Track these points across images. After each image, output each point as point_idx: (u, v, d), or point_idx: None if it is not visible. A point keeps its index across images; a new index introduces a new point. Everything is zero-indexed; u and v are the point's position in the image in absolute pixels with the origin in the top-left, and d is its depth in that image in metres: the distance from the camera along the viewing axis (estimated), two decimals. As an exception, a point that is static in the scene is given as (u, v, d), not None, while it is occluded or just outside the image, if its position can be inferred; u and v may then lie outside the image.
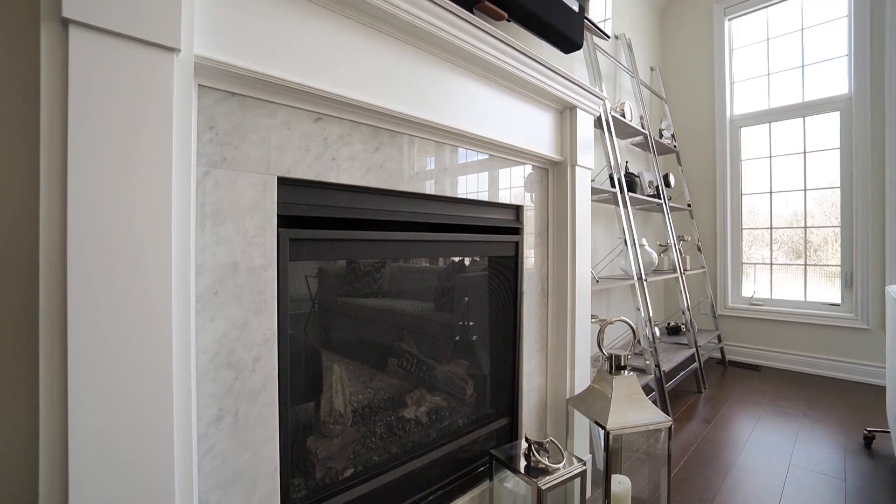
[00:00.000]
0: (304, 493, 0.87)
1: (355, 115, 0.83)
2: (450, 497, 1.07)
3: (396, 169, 0.92)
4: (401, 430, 1.10)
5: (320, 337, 1.00)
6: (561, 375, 1.31)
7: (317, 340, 0.99)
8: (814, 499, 1.34)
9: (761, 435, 1.79)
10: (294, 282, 0.88)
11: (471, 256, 1.20)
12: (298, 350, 0.95)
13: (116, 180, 0.53)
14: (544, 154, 1.24)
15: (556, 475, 1.00)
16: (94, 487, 0.52)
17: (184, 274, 0.60)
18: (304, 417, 0.95)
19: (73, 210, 0.50)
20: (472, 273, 1.26)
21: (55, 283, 0.50)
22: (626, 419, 1.06)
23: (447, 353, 1.26)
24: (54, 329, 0.50)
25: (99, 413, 0.52)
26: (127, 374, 0.54)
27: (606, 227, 2.45)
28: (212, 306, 0.66)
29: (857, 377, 2.46)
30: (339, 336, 1.06)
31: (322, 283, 1.00)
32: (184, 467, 0.59)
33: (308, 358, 0.97)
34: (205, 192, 0.65)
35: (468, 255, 1.12)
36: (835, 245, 2.61)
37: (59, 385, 0.50)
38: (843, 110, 2.52)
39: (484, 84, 1.07)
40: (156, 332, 0.56)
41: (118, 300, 0.53)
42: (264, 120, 0.72)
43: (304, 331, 0.95)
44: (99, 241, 0.52)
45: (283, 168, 0.74)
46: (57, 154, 0.50)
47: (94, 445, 0.51)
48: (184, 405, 0.60)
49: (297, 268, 0.88)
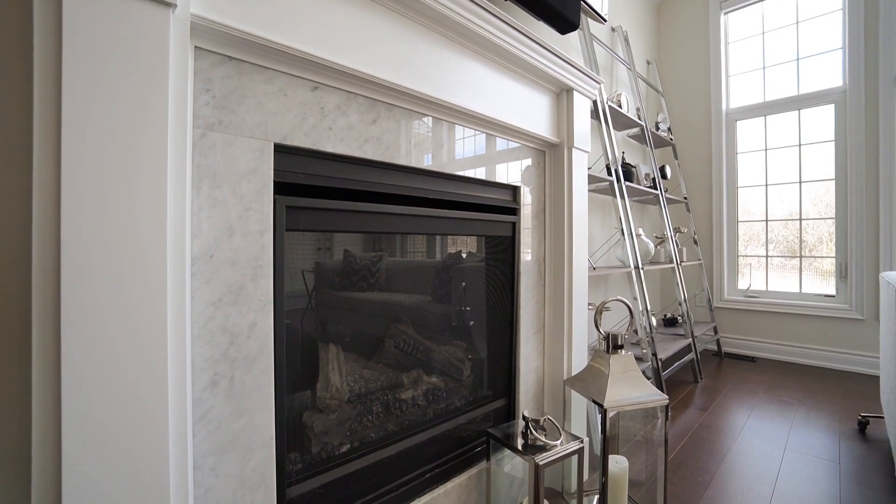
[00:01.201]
0: (301, 467, 0.86)
1: (352, 85, 0.83)
2: (447, 476, 1.07)
3: (393, 142, 0.91)
4: (397, 410, 1.10)
5: (317, 315, 1.00)
6: (558, 358, 1.31)
7: (313, 318, 0.99)
8: (809, 480, 1.35)
9: (757, 422, 1.80)
10: (290, 255, 0.88)
11: (467, 234, 1.20)
12: (295, 326, 0.95)
13: (111, 137, 0.53)
14: (541, 135, 1.25)
15: (554, 451, 1.00)
16: (87, 445, 0.51)
17: (179, 234, 0.59)
18: (300, 391, 0.95)
19: (67, 163, 0.50)
20: (469, 255, 1.26)
21: (48, 233, 0.50)
22: (624, 396, 1.06)
23: (444, 334, 1.25)
24: (47, 283, 0.50)
25: (92, 371, 0.51)
26: (121, 331, 0.53)
27: (603, 218, 2.46)
28: (207, 269, 0.65)
29: (852, 367, 2.48)
30: (336, 315, 1.05)
31: (318, 266, 0.99)
32: (178, 428, 0.58)
33: (304, 335, 0.97)
34: (201, 154, 0.65)
35: (465, 233, 1.12)
36: (829, 245, 2.63)
37: (53, 342, 0.50)
38: (838, 102, 2.54)
39: (481, 62, 1.07)
40: (150, 290, 0.55)
41: (112, 255, 0.53)
42: (262, 86, 0.72)
43: (302, 317, 0.95)
44: (93, 194, 0.51)
45: (279, 135, 0.74)
46: (51, 110, 0.50)
47: (87, 403, 0.51)
48: (179, 367, 0.59)
49: (293, 239, 0.88)
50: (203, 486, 0.65)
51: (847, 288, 2.52)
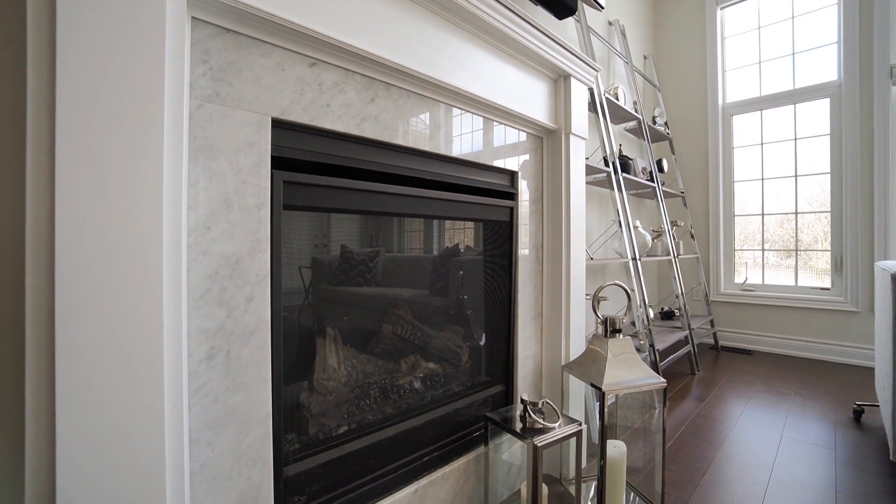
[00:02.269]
0: (298, 447, 0.86)
1: (350, 63, 0.83)
2: (445, 460, 1.07)
3: (391, 122, 0.91)
4: (395, 394, 1.09)
5: (316, 298, 0.99)
6: (556, 344, 1.31)
7: (312, 302, 0.98)
8: (805, 466, 1.35)
9: (754, 411, 1.80)
10: (287, 233, 0.87)
11: (466, 218, 1.20)
12: (293, 307, 0.94)
13: (107, 104, 0.52)
14: (539, 120, 1.25)
15: (552, 433, 1.00)
16: (81, 410, 0.50)
17: (175, 205, 0.59)
18: (298, 370, 0.94)
19: (61, 128, 0.49)
20: (467, 248, 1.26)
21: (42, 198, 0.49)
22: (622, 379, 1.06)
23: (442, 320, 1.25)
24: (41, 245, 0.49)
25: (86, 337, 0.51)
26: (116, 298, 0.53)
27: (600, 211, 2.46)
28: (204, 241, 0.65)
29: (847, 359, 2.49)
30: (334, 299, 1.05)
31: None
32: (174, 398, 0.58)
33: (303, 318, 0.97)
34: (198, 125, 0.64)
35: (463, 217, 1.12)
36: (824, 244, 2.65)
37: (47, 304, 0.49)
38: (833, 96, 2.56)
39: (480, 46, 1.07)
40: (146, 258, 0.55)
41: (107, 222, 0.52)
42: (259, 59, 0.71)
43: (302, 300, 0.94)
44: (88, 160, 0.51)
45: (277, 109, 0.73)
46: (45, 77, 0.49)
47: (81, 369, 0.50)
48: (174, 338, 0.59)
49: (290, 217, 0.87)
50: (199, 460, 0.65)
51: (842, 280, 2.53)
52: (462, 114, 1.08)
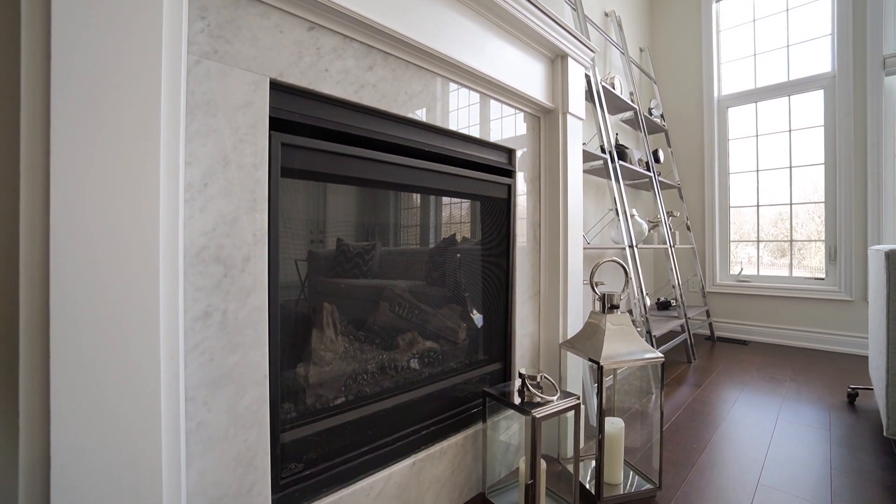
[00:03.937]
0: (295, 415, 0.85)
1: (348, 29, 0.82)
2: (443, 434, 1.07)
3: (390, 91, 0.91)
4: (392, 371, 1.09)
5: (311, 270, 0.99)
6: (553, 322, 1.31)
7: (308, 274, 0.98)
8: (801, 445, 1.36)
9: (749, 396, 1.81)
10: (285, 200, 0.87)
11: (465, 194, 1.20)
12: (291, 279, 0.94)
13: (104, 56, 0.52)
14: (537, 99, 1.25)
15: (551, 406, 1.00)
16: (74, 364, 0.50)
17: (172, 159, 0.58)
18: (295, 340, 0.94)
19: (56, 70, 0.49)
20: (465, 216, 1.26)
21: (38, 146, 0.48)
22: (620, 353, 1.07)
23: (440, 297, 1.25)
24: (36, 192, 0.49)
25: (79, 287, 0.50)
26: (111, 248, 0.52)
27: (597, 200, 2.47)
28: (202, 198, 0.64)
29: (842, 348, 2.51)
30: (331, 271, 1.04)
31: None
32: (169, 348, 0.57)
33: (300, 290, 0.96)
34: (196, 81, 0.64)
35: (461, 190, 1.11)
36: (818, 244, 2.67)
37: (41, 246, 0.49)
38: (827, 88, 2.59)
39: (479, 22, 1.07)
40: (141, 209, 0.54)
41: (103, 173, 0.52)
42: (257, 20, 0.71)
43: (300, 278, 0.94)
44: (85, 111, 0.50)
45: (275, 71, 0.73)
46: (39, 25, 0.49)
47: (77, 321, 0.50)
48: (171, 292, 0.58)
49: (287, 185, 0.87)
50: (195, 419, 0.64)
51: (836, 270, 2.55)
52: (460, 88, 1.08)
